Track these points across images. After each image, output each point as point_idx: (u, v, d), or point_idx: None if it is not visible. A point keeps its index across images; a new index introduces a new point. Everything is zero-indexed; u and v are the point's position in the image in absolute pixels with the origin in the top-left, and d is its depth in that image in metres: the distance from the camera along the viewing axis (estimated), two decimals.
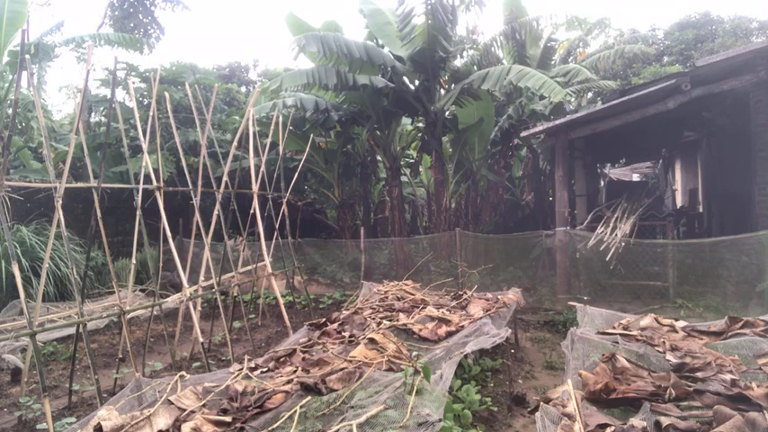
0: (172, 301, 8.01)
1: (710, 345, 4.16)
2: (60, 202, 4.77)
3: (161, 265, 7.23)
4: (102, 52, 47.92)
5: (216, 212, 6.94)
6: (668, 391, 3.20)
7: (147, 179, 5.96)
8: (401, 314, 5.62)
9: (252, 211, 7.72)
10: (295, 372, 4.03)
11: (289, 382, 3.76)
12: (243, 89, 19.89)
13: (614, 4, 52.75)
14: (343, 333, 5.08)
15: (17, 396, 5.45)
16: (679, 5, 45.91)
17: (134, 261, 6.21)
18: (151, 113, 6.13)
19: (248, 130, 7.71)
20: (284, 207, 8.74)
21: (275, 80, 11.34)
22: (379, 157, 13.78)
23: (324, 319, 5.72)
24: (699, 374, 3.48)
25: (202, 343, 5.96)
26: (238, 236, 9.87)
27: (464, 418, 4.20)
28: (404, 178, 14.79)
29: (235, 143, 7.24)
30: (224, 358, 6.84)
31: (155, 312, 6.18)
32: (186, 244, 9.38)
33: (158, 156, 6.50)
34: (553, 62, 14.06)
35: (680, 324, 4.81)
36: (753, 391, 3.07)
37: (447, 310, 5.89)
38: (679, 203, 15.74)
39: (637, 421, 2.85)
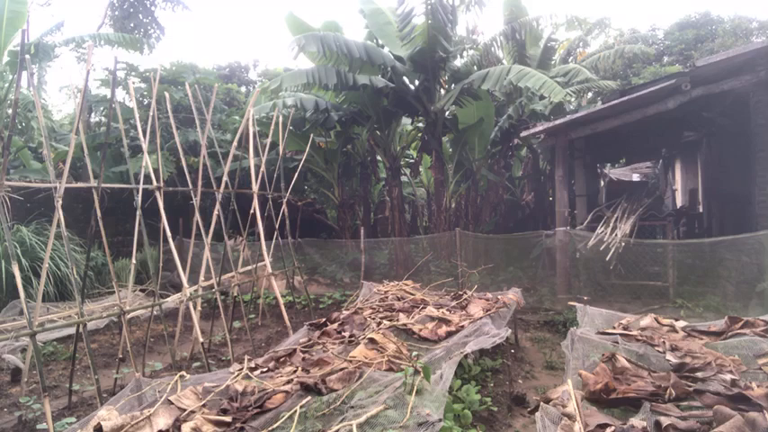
0: (172, 301, 8.01)
1: (710, 345, 4.16)
2: (60, 202, 4.77)
3: (161, 265, 7.24)
4: (102, 52, 47.95)
5: (216, 212, 6.94)
6: (668, 391, 3.20)
7: (147, 179, 5.96)
8: (401, 314, 5.62)
9: (252, 211, 7.72)
10: (295, 372, 4.03)
11: (289, 382, 3.76)
12: (243, 89, 19.88)
13: (614, 4, 52.74)
14: (343, 333, 5.08)
15: (17, 396, 5.46)
16: (679, 5, 45.87)
17: (134, 261, 6.20)
18: (151, 113, 6.13)
19: (248, 130, 7.71)
20: (284, 207, 8.74)
21: (275, 80, 11.35)
22: (379, 157, 13.78)
23: (324, 319, 5.71)
24: (699, 374, 3.48)
25: (202, 343, 5.96)
26: (238, 236, 9.86)
27: (464, 418, 4.19)
28: (404, 178, 14.78)
29: (235, 143, 7.23)
30: (224, 358, 6.84)
31: (155, 312, 6.18)
32: (186, 244, 9.37)
33: (158, 156, 6.50)
34: (553, 62, 14.07)
35: (680, 324, 4.81)
36: (753, 391, 3.08)
37: (447, 310, 5.89)
38: (679, 203, 15.72)
39: (637, 421, 2.85)
